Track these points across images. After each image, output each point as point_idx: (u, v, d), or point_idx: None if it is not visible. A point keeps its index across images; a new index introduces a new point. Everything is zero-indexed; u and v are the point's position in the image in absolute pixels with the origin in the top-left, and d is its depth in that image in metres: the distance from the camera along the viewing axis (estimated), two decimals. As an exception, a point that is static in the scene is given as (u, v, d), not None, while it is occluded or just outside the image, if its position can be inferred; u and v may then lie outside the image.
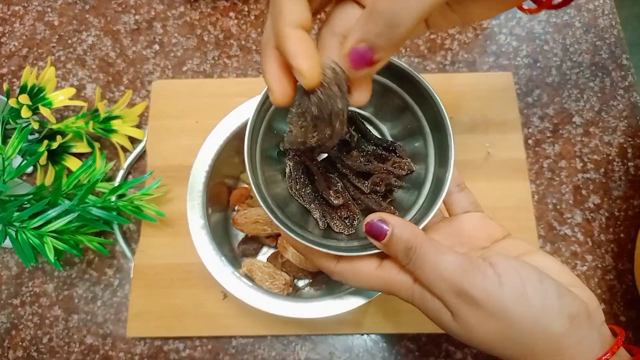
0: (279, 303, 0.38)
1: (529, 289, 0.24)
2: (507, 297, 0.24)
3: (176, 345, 0.46)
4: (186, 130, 0.51)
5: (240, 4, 0.58)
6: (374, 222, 0.26)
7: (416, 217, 0.29)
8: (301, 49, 0.22)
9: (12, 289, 0.48)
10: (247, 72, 0.55)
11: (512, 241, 0.29)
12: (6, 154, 0.42)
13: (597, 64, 0.55)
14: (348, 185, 0.31)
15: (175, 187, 0.49)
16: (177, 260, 0.47)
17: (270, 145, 0.32)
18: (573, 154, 0.52)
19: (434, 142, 0.30)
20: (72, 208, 0.42)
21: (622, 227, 0.49)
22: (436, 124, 0.29)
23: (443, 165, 0.28)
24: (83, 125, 0.48)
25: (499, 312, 0.24)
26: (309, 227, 0.30)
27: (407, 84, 0.30)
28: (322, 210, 0.31)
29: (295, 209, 0.31)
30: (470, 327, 0.25)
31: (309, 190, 0.31)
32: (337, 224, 0.30)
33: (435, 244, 0.26)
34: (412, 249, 0.26)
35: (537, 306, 0.24)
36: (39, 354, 0.46)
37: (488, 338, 0.25)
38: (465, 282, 0.25)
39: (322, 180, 0.31)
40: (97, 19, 0.58)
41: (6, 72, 0.56)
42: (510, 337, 0.24)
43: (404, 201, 0.31)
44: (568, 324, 0.24)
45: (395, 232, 0.26)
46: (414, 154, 0.32)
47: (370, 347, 0.46)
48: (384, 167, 0.31)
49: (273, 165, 0.32)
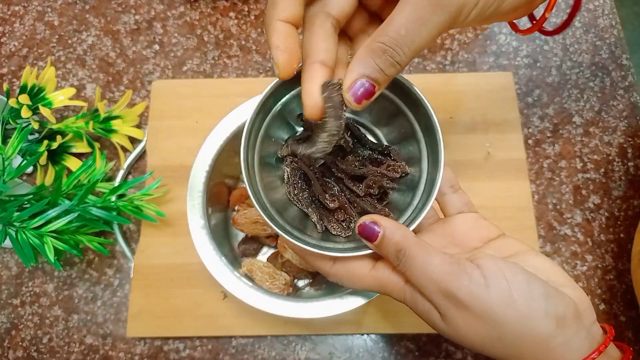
0: (279, 303, 0.38)
1: (515, 291, 0.24)
2: (493, 299, 0.24)
3: (176, 345, 0.46)
4: (186, 130, 0.51)
5: (240, 4, 0.58)
6: (366, 224, 0.27)
7: (411, 218, 0.30)
8: (283, 43, 0.25)
9: (12, 289, 0.48)
10: (247, 72, 0.55)
11: (505, 241, 0.29)
12: (6, 154, 0.42)
13: (597, 64, 0.55)
14: (344, 189, 0.32)
15: (175, 187, 0.49)
16: (177, 260, 0.47)
17: (268, 152, 0.32)
18: (573, 154, 0.52)
19: (427, 146, 0.31)
20: (72, 208, 0.42)
21: (622, 227, 0.49)
22: (428, 128, 0.30)
23: (435, 168, 0.29)
24: (83, 125, 0.48)
25: (486, 314, 0.24)
26: (307, 231, 0.31)
27: (399, 90, 0.31)
28: (319, 213, 0.32)
29: (294, 213, 0.32)
30: (459, 328, 0.25)
31: (306, 194, 0.32)
32: (334, 227, 0.31)
33: (424, 246, 0.26)
34: (401, 251, 0.26)
35: (523, 308, 0.24)
36: (39, 354, 0.46)
37: (476, 339, 0.25)
38: (452, 284, 0.25)
39: (318, 184, 0.31)
40: (97, 19, 0.58)
41: (6, 72, 0.56)
42: (497, 338, 0.25)
43: (400, 203, 0.32)
44: (554, 325, 0.24)
45: (387, 233, 0.26)
46: (409, 157, 0.32)
47: (370, 347, 0.46)
48: (377, 171, 0.32)
49: (272, 171, 0.33)
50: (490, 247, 0.29)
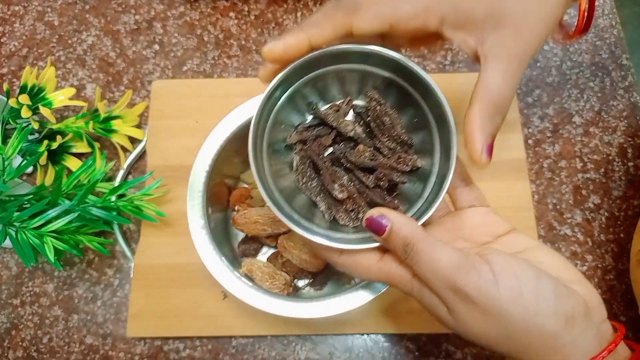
0: (279, 303, 0.38)
1: (524, 288, 0.24)
2: (502, 296, 0.24)
3: (176, 345, 0.46)
4: (186, 130, 0.51)
5: (240, 4, 0.58)
6: (374, 217, 0.27)
7: (421, 210, 0.29)
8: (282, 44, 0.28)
9: (12, 289, 0.48)
10: (247, 72, 0.55)
11: (516, 236, 0.29)
12: (6, 154, 0.42)
13: (597, 64, 0.55)
14: (353, 179, 0.32)
15: (175, 187, 0.49)
16: (177, 260, 0.47)
17: (277, 139, 0.32)
18: (573, 154, 0.52)
19: (439, 137, 0.30)
20: (72, 208, 0.42)
21: (622, 227, 0.49)
22: (440, 118, 0.30)
23: (447, 160, 0.29)
24: (83, 125, 0.48)
25: (494, 310, 0.24)
26: (315, 219, 0.31)
27: (410, 79, 0.30)
28: (327, 203, 0.31)
29: (302, 202, 0.32)
30: (466, 322, 0.25)
31: (314, 183, 0.31)
32: (342, 217, 0.31)
33: (432, 241, 0.26)
34: (409, 245, 0.26)
35: (531, 305, 0.24)
36: (39, 354, 0.46)
37: (483, 334, 0.25)
38: (460, 280, 0.25)
39: (327, 174, 0.31)
40: (97, 19, 0.58)
41: (6, 72, 0.56)
42: (505, 334, 0.25)
43: (410, 193, 0.31)
44: (563, 323, 0.24)
45: (394, 227, 0.26)
46: (421, 147, 0.32)
47: (370, 347, 0.46)
48: (387, 164, 0.31)
49: (281, 158, 0.32)
50: (500, 243, 0.29)
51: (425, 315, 0.45)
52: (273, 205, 0.28)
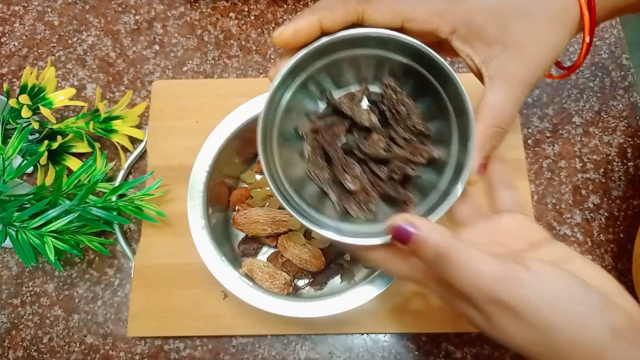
0: (279, 303, 0.39)
1: (570, 299, 0.23)
2: (547, 306, 0.23)
3: (176, 344, 0.46)
4: (186, 130, 0.51)
5: (240, 4, 0.58)
6: (401, 226, 0.25)
7: (437, 204, 0.28)
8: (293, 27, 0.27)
9: (12, 289, 0.48)
10: (247, 72, 0.55)
11: (553, 246, 0.28)
12: (6, 154, 0.42)
13: (597, 64, 0.55)
14: (366, 170, 0.31)
15: (175, 187, 0.49)
16: (178, 260, 0.47)
17: (289, 127, 0.31)
18: (573, 154, 0.52)
19: (458, 126, 0.29)
20: (73, 208, 0.42)
21: (621, 227, 0.49)
22: (459, 108, 0.28)
23: (464, 151, 0.28)
24: (83, 125, 0.48)
25: (538, 321, 0.23)
26: (325, 210, 0.30)
27: (429, 66, 0.29)
28: (339, 193, 0.30)
29: (313, 192, 0.31)
30: (505, 331, 0.24)
31: (326, 173, 0.31)
32: (353, 209, 0.30)
33: (468, 252, 0.24)
34: (440, 257, 0.24)
35: (578, 318, 0.23)
36: (39, 354, 0.46)
37: (522, 343, 0.24)
38: (502, 292, 0.23)
39: (339, 164, 0.30)
40: (97, 19, 0.58)
41: (6, 72, 0.56)
42: (547, 345, 0.24)
43: (424, 183, 0.30)
44: (610, 336, 0.23)
45: (423, 236, 0.25)
46: (438, 137, 0.31)
47: (370, 347, 0.46)
48: (402, 155, 0.30)
49: (292, 147, 0.31)
50: (537, 251, 0.28)
51: (426, 315, 0.45)
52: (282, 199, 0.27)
